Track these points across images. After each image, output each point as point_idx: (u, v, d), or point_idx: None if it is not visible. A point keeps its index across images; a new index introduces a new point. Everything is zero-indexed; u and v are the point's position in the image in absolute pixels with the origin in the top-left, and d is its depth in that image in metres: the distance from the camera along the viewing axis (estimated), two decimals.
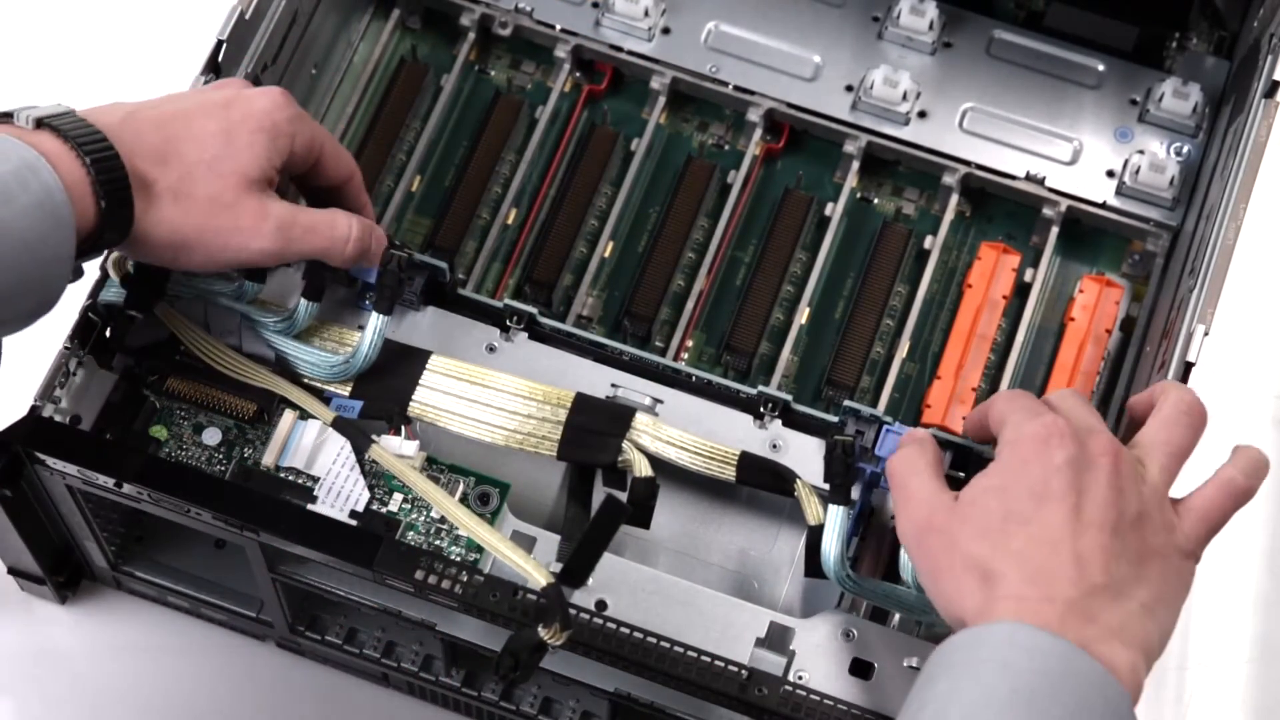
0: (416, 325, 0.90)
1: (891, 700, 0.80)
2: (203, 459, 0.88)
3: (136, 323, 0.87)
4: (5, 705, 0.96)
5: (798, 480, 0.85)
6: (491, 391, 0.87)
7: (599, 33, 1.04)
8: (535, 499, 0.88)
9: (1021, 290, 1.00)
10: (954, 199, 1.01)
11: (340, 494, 0.85)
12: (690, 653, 0.79)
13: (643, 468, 0.84)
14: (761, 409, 0.88)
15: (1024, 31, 1.04)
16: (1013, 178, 1.00)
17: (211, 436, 0.88)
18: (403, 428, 0.85)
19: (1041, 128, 1.02)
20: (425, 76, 1.05)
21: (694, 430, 0.86)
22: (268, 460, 0.86)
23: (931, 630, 0.85)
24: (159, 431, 0.88)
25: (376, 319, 0.86)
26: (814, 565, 0.83)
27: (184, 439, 0.88)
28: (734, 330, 0.98)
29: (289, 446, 0.86)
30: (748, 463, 0.85)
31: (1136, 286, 1.01)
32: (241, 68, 0.93)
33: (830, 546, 0.82)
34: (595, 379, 0.89)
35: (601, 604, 0.83)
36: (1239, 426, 1.07)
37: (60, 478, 0.84)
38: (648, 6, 1.03)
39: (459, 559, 0.84)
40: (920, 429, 0.84)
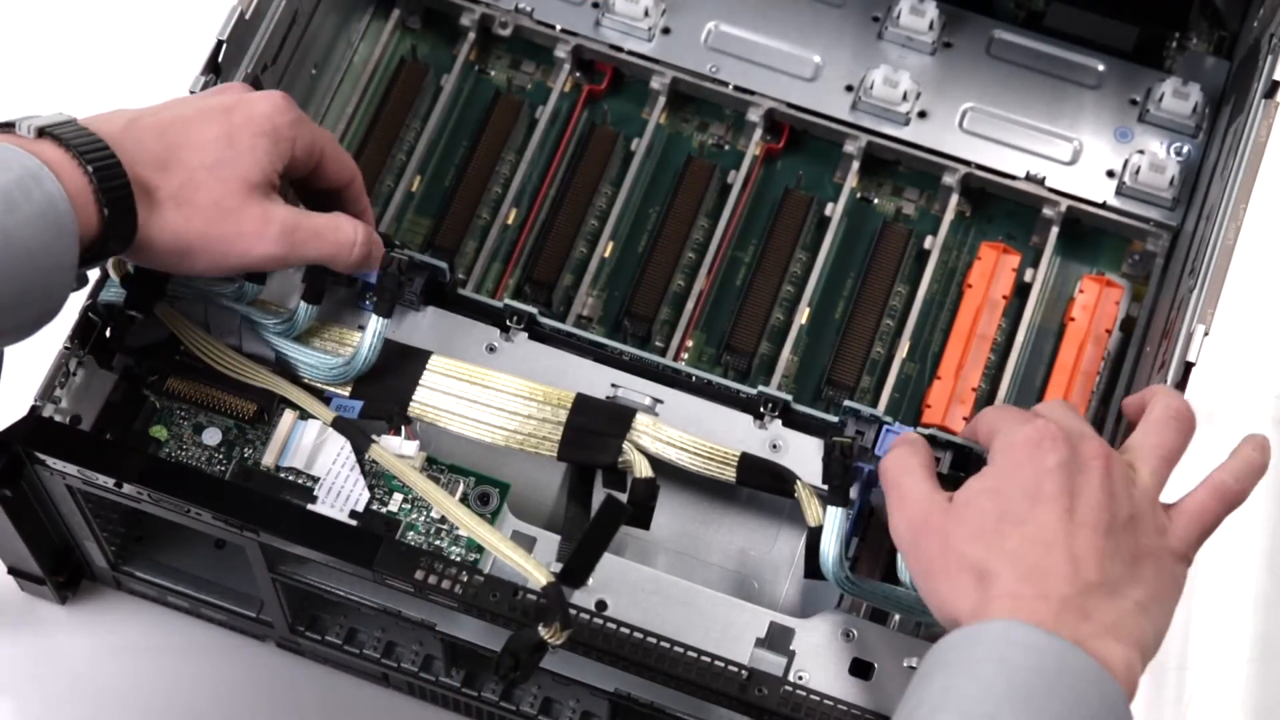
0: (416, 325, 0.90)
1: (891, 700, 0.80)
2: (203, 459, 0.88)
3: (136, 323, 0.87)
4: (5, 705, 0.96)
5: (798, 481, 0.85)
6: (491, 392, 0.87)
7: (599, 33, 1.04)
8: (535, 499, 0.88)
9: (1021, 290, 1.00)
10: (954, 199, 1.01)
11: (340, 494, 0.85)
12: (690, 653, 0.79)
13: (643, 468, 0.84)
14: (761, 409, 0.88)
15: (1024, 31, 1.04)
16: (1013, 178, 1.00)
17: (211, 436, 0.88)
18: (403, 428, 0.85)
19: (1041, 128, 1.02)
20: (425, 76, 1.05)
21: (694, 430, 0.86)
22: (268, 460, 0.86)
23: (930, 630, 0.85)
24: (159, 431, 0.89)
25: (376, 322, 0.86)
26: (814, 566, 0.83)
27: (184, 439, 0.88)
28: (734, 330, 0.98)
29: (289, 446, 0.86)
30: (748, 464, 0.85)
31: (1136, 286, 1.01)
32: (241, 68, 0.93)
33: (829, 548, 0.82)
34: (595, 379, 0.89)
35: (601, 604, 0.83)
36: (1239, 426, 1.06)
37: (60, 478, 0.84)
38: (648, 6, 1.03)
39: (459, 559, 0.84)
40: (912, 431, 0.84)
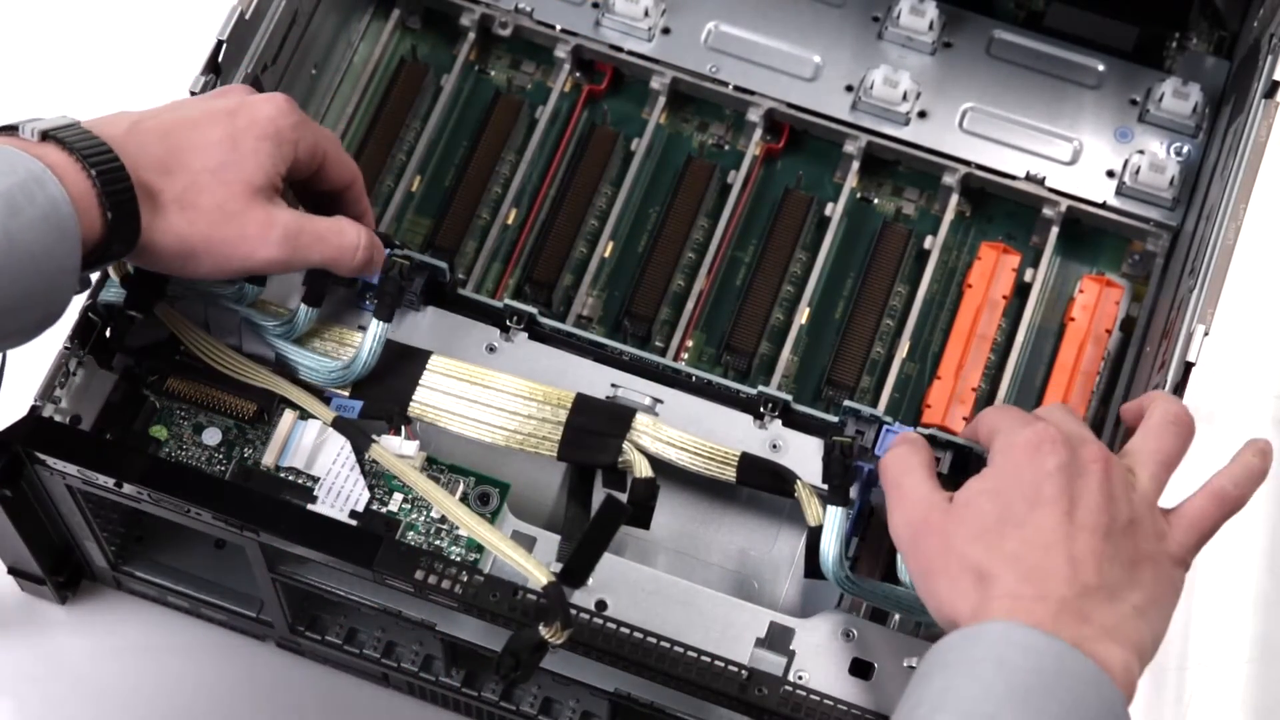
0: (416, 325, 0.90)
1: (891, 700, 0.80)
2: (203, 459, 0.88)
3: (136, 323, 0.87)
4: (5, 705, 0.96)
5: (798, 481, 0.85)
6: (491, 392, 0.86)
7: (599, 33, 1.04)
8: (535, 499, 0.88)
9: (1021, 290, 1.00)
10: (954, 199, 1.01)
11: (340, 494, 0.85)
12: (690, 653, 0.79)
13: (643, 468, 0.84)
14: (761, 409, 0.88)
15: (1024, 31, 1.04)
16: (1013, 178, 1.00)
17: (211, 436, 0.88)
18: (403, 428, 0.85)
19: (1041, 128, 1.02)
20: (425, 76, 1.05)
21: (694, 430, 0.86)
22: (268, 460, 0.86)
23: (930, 630, 0.85)
24: (159, 431, 0.89)
25: (377, 325, 0.86)
26: (813, 566, 0.83)
27: (184, 439, 0.88)
28: (734, 330, 0.98)
29: (289, 446, 0.86)
30: (748, 463, 0.85)
31: (1136, 286, 1.01)
32: (241, 68, 0.93)
33: (829, 547, 0.82)
34: (595, 379, 0.89)
35: (601, 604, 0.83)
36: (1239, 426, 1.07)
37: (60, 478, 0.84)
38: (648, 6, 1.03)
39: (459, 559, 0.84)
40: (912, 431, 0.84)
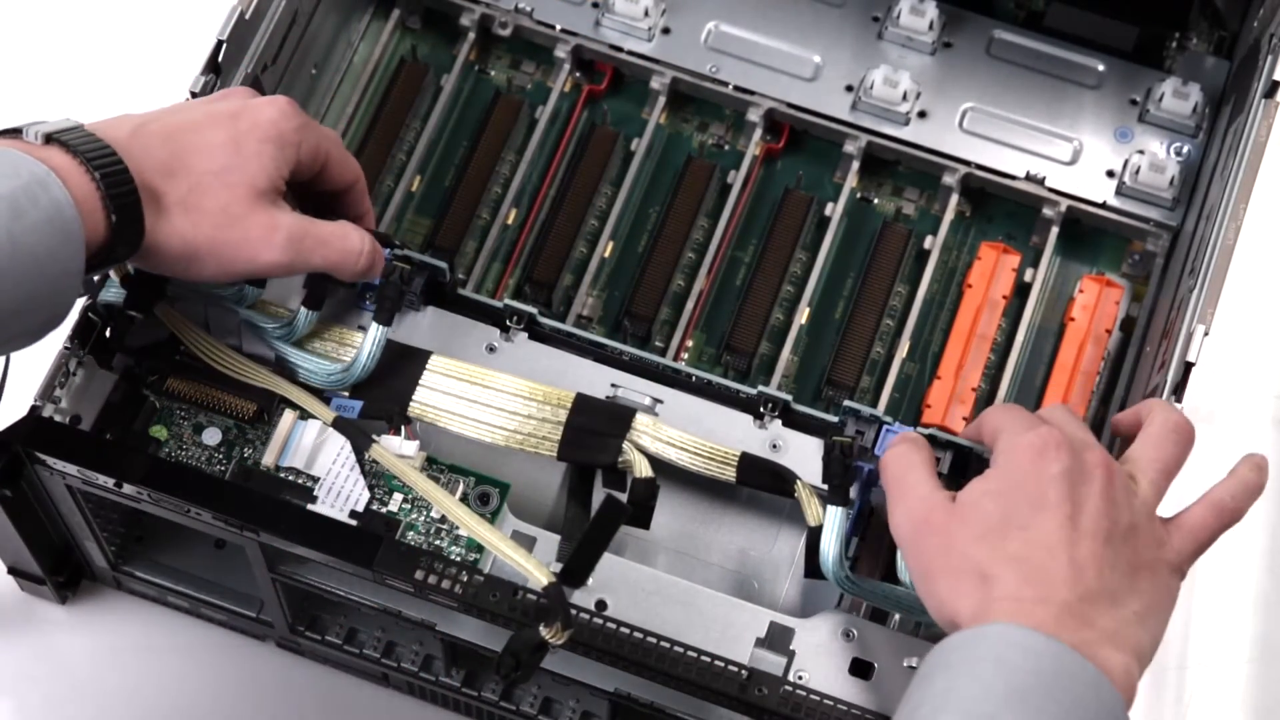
0: (416, 325, 0.90)
1: (891, 700, 0.80)
2: (203, 459, 0.88)
3: (136, 323, 0.87)
4: (5, 705, 0.96)
5: (798, 481, 0.85)
6: (491, 392, 0.86)
7: (599, 33, 1.04)
8: (535, 499, 0.88)
9: (1021, 290, 1.00)
10: (954, 199, 1.01)
11: (340, 494, 0.85)
12: (690, 653, 0.79)
13: (643, 468, 0.84)
14: (761, 409, 0.88)
15: (1024, 31, 1.04)
16: (1013, 178, 1.00)
17: (211, 436, 0.88)
18: (403, 428, 0.85)
19: (1041, 128, 1.02)
20: (425, 76, 1.05)
21: (694, 430, 0.86)
22: (268, 460, 0.86)
23: (930, 630, 0.84)
24: (159, 431, 0.88)
25: (376, 329, 0.86)
26: (813, 566, 0.83)
27: (184, 439, 0.88)
28: (734, 330, 0.98)
29: (289, 446, 0.86)
30: (748, 463, 0.85)
31: (1136, 286, 1.01)
32: (241, 68, 0.93)
33: (829, 547, 0.82)
34: (595, 379, 0.89)
35: (601, 604, 0.83)
36: (1239, 426, 1.07)
37: (60, 478, 0.84)
38: (648, 6, 1.03)
39: (459, 559, 0.84)
40: (912, 430, 0.84)
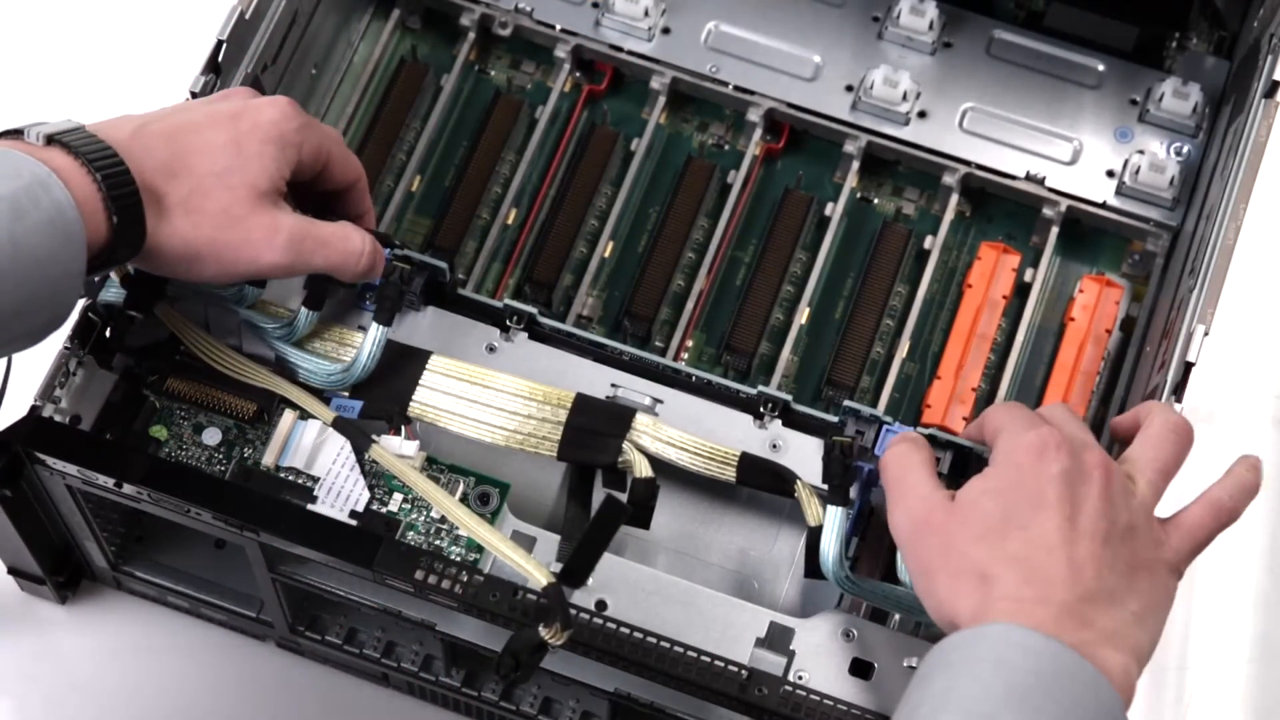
0: (416, 325, 0.90)
1: (891, 700, 0.80)
2: (203, 459, 0.88)
3: (136, 323, 0.87)
4: (5, 705, 0.96)
5: (798, 481, 0.85)
6: (491, 392, 0.86)
7: (599, 33, 1.04)
8: (535, 499, 0.88)
9: (1021, 290, 1.00)
10: (954, 199, 1.01)
11: (340, 494, 0.85)
12: (690, 653, 0.79)
13: (643, 468, 0.84)
14: (761, 409, 0.88)
15: (1024, 31, 1.04)
16: (1013, 178, 1.00)
17: (211, 436, 0.88)
18: (403, 428, 0.85)
19: (1041, 128, 1.02)
20: (425, 76, 1.05)
21: (694, 430, 0.86)
22: (268, 460, 0.86)
23: (930, 630, 0.84)
24: (159, 431, 0.88)
25: (376, 330, 0.86)
26: (814, 566, 0.83)
27: (184, 439, 0.88)
28: (734, 330, 0.98)
29: (289, 446, 0.86)
30: (748, 463, 0.85)
31: (1136, 286, 1.01)
32: (241, 68, 0.93)
33: (829, 547, 0.82)
34: (595, 379, 0.89)
35: (601, 604, 0.83)
36: (1239, 426, 1.07)
37: (60, 478, 0.84)
38: (648, 6, 1.03)
39: (459, 559, 0.84)
40: (912, 430, 0.84)
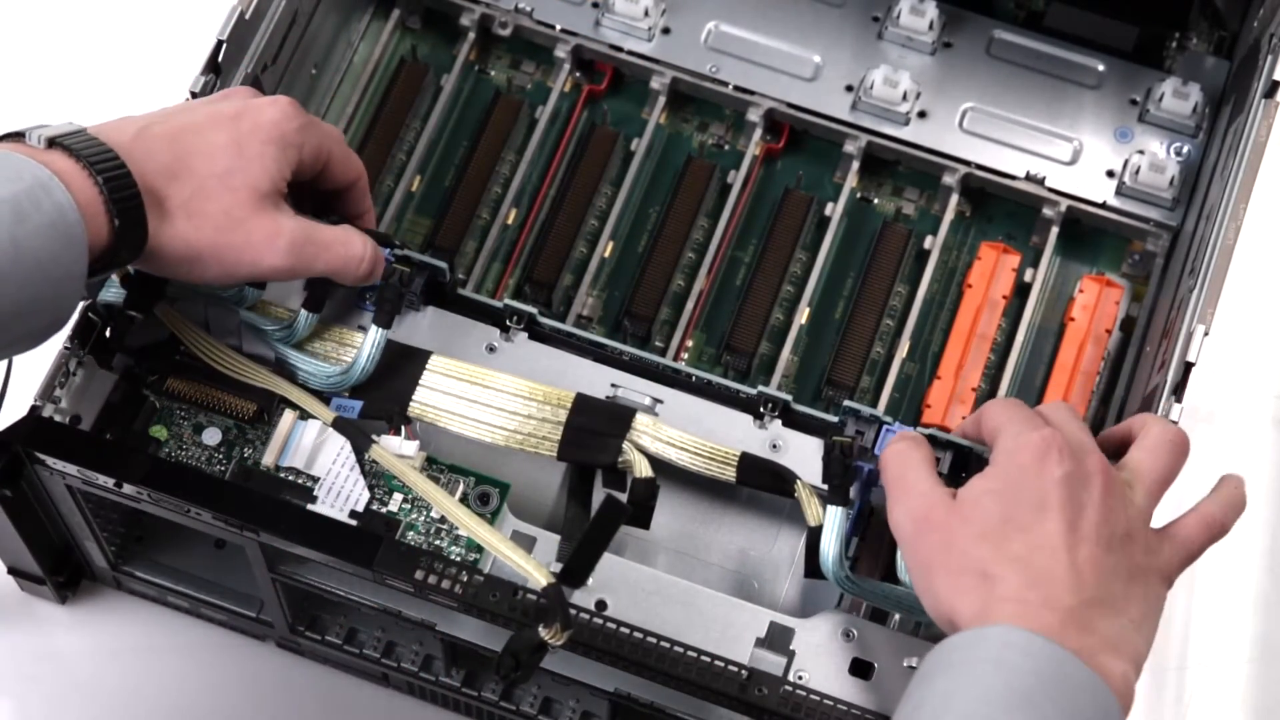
0: (416, 325, 0.90)
1: (891, 700, 0.80)
2: (203, 459, 0.88)
3: (136, 323, 0.87)
4: (5, 705, 0.96)
5: (798, 481, 0.85)
6: (491, 392, 0.86)
7: (599, 33, 1.04)
8: (535, 499, 0.88)
9: (1021, 290, 1.00)
10: (954, 199, 1.01)
11: (340, 494, 0.85)
12: (690, 653, 0.79)
13: (643, 468, 0.84)
14: (761, 409, 0.88)
15: (1024, 31, 1.04)
16: (1013, 178, 1.00)
17: (211, 436, 0.88)
18: (403, 428, 0.85)
19: (1041, 128, 1.02)
20: (425, 76, 1.05)
21: (694, 430, 0.86)
22: (268, 460, 0.86)
23: (930, 630, 0.84)
24: (159, 431, 0.88)
25: (375, 332, 0.86)
26: (814, 566, 0.83)
27: (184, 439, 0.88)
28: (734, 330, 0.98)
29: (289, 446, 0.86)
30: (748, 463, 0.85)
31: (1136, 286, 1.01)
32: (241, 68, 0.93)
33: (829, 547, 0.82)
34: (595, 379, 0.89)
35: (601, 604, 0.83)
36: (1239, 426, 1.07)
37: (60, 478, 0.84)
38: (648, 6, 1.03)
39: (459, 559, 0.84)
40: (912, 430, 0.84)
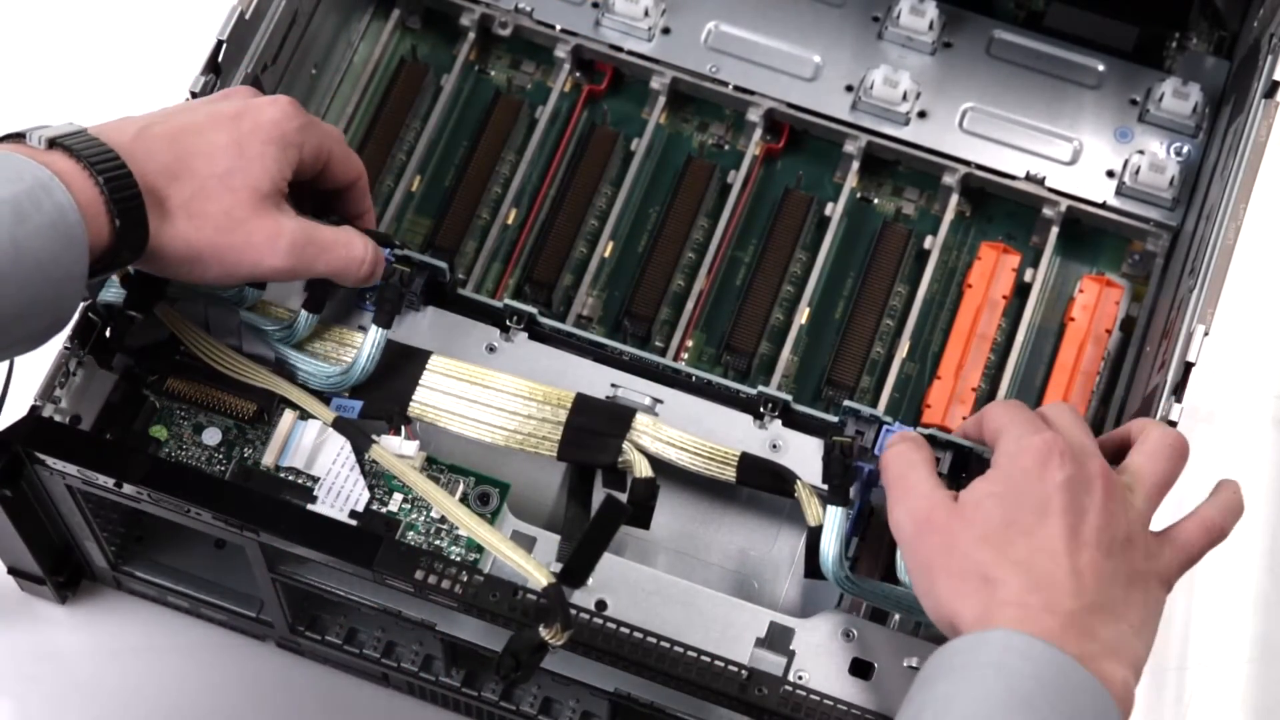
0: (416, 325, 0.90)
1: (891, 700, 0.80)
2: (203, 459, 0.88)
3: (136, 323, 0.87)
4: (5, 705, 0.96)
5: (798, 481, 0.85)
6: (491, 392, 0.86)
7: (599, 33, 1.04)
8: (535, 499, 0.88)
9: (1021, 290, 1.00)
10: (954, 199, 1.01)
11: (340, 494, 0.85)
12: (690, 653, 0.79)
13: (643, 468, 0.84)
14: (761, 409, 0.88)
15: (1024, 31, 1.04)
16: (1013, 178, 1.00)
17: (211, 436, 0.88)
18: (403, 428, 0.85)
19: (1041, 128, 1.02)
20: (425, 76, 1.05)
21: (694, 430, 0.86)
22: (268, 460, 0.86)
23: (930, 631, 0.84)
24: (159, 431, 0.88)
25: (375, 332, 0.86)
26: (814, 566, 0.83)
27: (184, 439, 0.88)
28: (734, 330, 0.98)
29: (289, 446, 0.86)
30: (748, 463, 0.85)
31: (1136, 286, 1.01)
32: (241, 68, 0.93)
33: (829, 547, 0.82)
34: (595, 379, 0.89)
35: (601, 604, 0.83)
36: (1239, 426, 1.07)
37: (60, 478, 0.84)
38: (648, 6, 1.03)
39: (459, 559, 0.84)
40: (912, 430, 0.84)
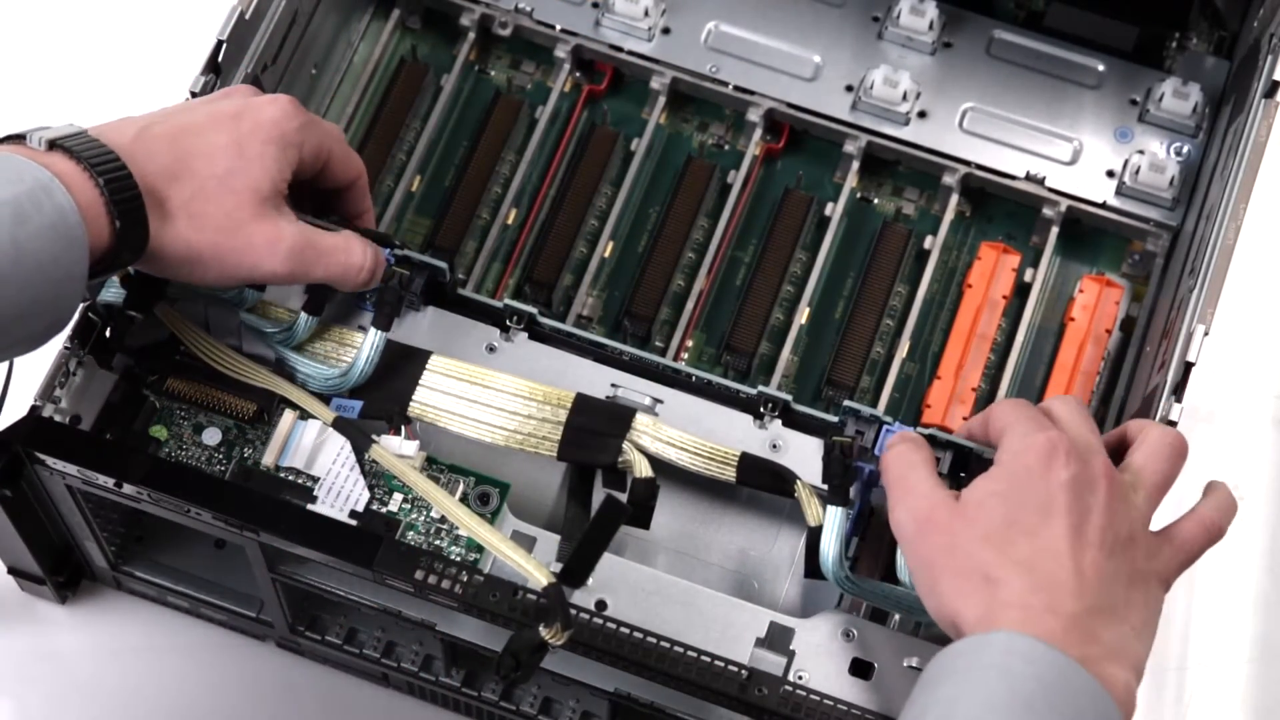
0: (416, 325, 0.90)
1: (891, 700, 0.80)
2: (203, 459, 0.88)
3: (136, 323, 0.87)
4: (5, 705, 0.96)
5: (798, 481, 0.85)
6: (491, 392, 0.86)
7: (599, 33, 1.04)
8: (535, 499, 0.88)
9: (1021, 290, 1.00)
10: (954, 199, 1.01)
11: (340, 494, 0.85)
12: (690, 653, 0.79)
13: (643, 468, 0.84)
14: (761, 409, 0.88)
15: (1024, 31, 1.04)
16: (1013, 178, 1.00)
17: (211, 436, 0.88)
18: (403, 428, 0.85)
19: (1041, 128, 1.02)
20: (425, 76, 1.05)
21: (694, 430, 0.86)
22: (268, 460, 0.86)
23: (930, 630, 0.84)
24: (159, 431, 0.88)
25: (375, 334, 0.86)
26: (814, 566, 0.83)
27: (184, 439, 0.88)
28: (734, 330, 0.98)
29: (289, 446, 0.86)
30: (748, 463, 0.85)
31: (1136, 286, 1.01)
32: (241, 68, 0.93)
33: (829, 547, 0.82)
34: (595, 379, 0.89)
35: (601, 604, 0.83)
36: (1239, 426, 1.07)
37: (60, 478, 0.84)
38: (648, 6, 1.03)
39: (459, 559, 0.84)
40: (912, 430, 0.84)
